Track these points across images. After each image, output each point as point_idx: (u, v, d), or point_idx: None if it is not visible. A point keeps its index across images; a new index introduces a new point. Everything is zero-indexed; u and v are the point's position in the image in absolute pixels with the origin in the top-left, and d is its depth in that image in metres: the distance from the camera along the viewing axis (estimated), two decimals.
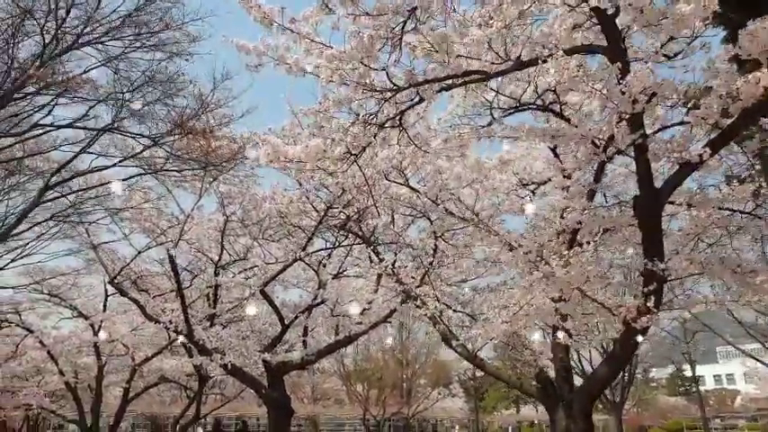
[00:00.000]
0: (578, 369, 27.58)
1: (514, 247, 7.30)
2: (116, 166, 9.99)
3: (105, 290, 16.52)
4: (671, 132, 8.07)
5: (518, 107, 8.33)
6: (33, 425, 30.36)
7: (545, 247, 7.71)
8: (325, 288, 13.02)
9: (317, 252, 13.20)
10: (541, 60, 6.22)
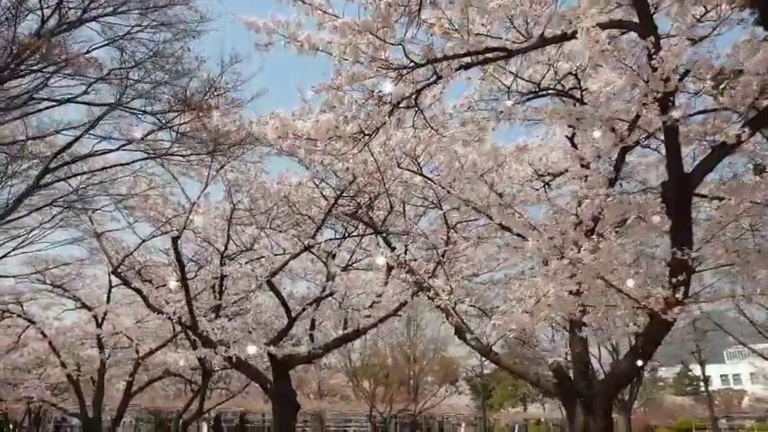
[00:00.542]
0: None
1: (541, 231, 6.92)
2: (119, 149, 9.68)
3: (109, 281, 16.30)
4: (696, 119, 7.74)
5: (537, 92, 8.00)
6: (35, 418, 30.25)
7: (566, 235, 7.34)
8: (333, 280, 12.69)
9: (326, 242, 12.88)
10: (569, 34, 5.88)
